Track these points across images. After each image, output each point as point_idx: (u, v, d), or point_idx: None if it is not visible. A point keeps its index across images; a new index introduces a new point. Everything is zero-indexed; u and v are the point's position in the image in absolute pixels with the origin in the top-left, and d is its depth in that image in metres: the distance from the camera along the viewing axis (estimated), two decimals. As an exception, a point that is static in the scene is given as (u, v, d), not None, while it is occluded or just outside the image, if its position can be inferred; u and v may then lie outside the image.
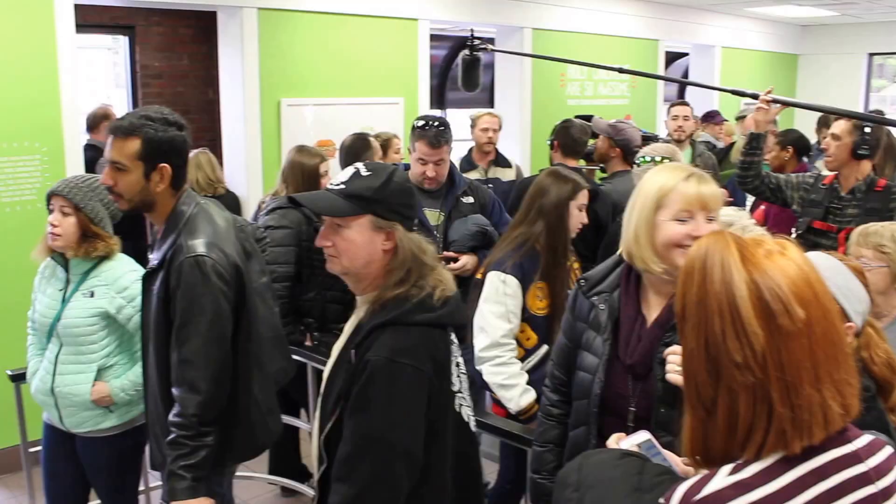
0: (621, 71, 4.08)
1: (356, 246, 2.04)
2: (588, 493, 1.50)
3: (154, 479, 3.90)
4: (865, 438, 1.36)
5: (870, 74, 13.11)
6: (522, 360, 3.31)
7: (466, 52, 4.98)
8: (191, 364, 2.44)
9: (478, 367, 3.27)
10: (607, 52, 9.42)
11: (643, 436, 1.68)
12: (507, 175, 5.78)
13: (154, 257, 2.61)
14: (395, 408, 1.94)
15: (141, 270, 2.96)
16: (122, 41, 8.07)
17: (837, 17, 11.97)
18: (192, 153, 5.80)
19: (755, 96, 4.18)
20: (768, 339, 1.26)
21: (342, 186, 2.06)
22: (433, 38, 8.40)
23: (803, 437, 1.26)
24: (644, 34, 9.98)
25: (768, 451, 1.28)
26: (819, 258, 1.99)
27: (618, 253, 2.32)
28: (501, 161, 5.91)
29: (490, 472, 3.93)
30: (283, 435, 3.21)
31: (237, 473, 3.12)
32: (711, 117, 8.32)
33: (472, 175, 5.64)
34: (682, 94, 11.94)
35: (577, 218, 3.35)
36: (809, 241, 4.08)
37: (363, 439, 1.95)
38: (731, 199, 5.67)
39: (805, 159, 6.07)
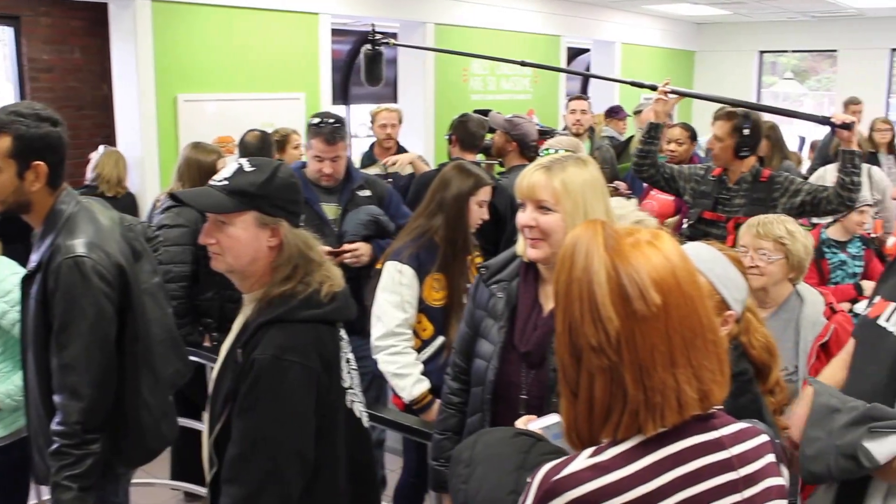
0: (523, 64, 4.11)
1: (241, 243, 2.00)
2: (477, 468, 1.52)
3: (47, 492, 3.77)
4: (735, 426, 1.39)
5: (761, 71, 13.57)
6: (419, 350, 3.31)
7: (368, 46, 4.95)
8: (72, 369, 2.34)
9: (374, 356, 3.27)
10: (510, 48, 9.50)
11: (553, 418, 1.69)
12: (407, 169, 5.77)
13: (32, 259, 2.50)
14: (283, 406, 1.90)
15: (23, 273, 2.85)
16: (8, 32, 7.75)
17: (730, 16, 12.34)
18: (103, 150, 5.67)
19: (653, 87, 4.29)
20: (623, 323, 1.29)
21: (225, 182, 2.01)
22: (336, 32, 8.34)
23: (656, 420, 1.29)
24: (546, 30, 10.11)
25: (624, 433, 1.31)
26: (699, 249, 2.04)
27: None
28: None
29: (398, 466, 3.94)
30: (184, 438, 3.14)
31: (137, 480, 3.03)
32: (615, 113, 8.46)
33: (373, 170, 5.61)
34: (584, 89, 12.15)
35: (477, 213, 3.36)
36: (700, 230, 4.19)
37: (251, 439, 1.91)
38: (629, 192, 5.80)
39: (701, 154, 6.23)
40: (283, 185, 2.02)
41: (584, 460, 1.30)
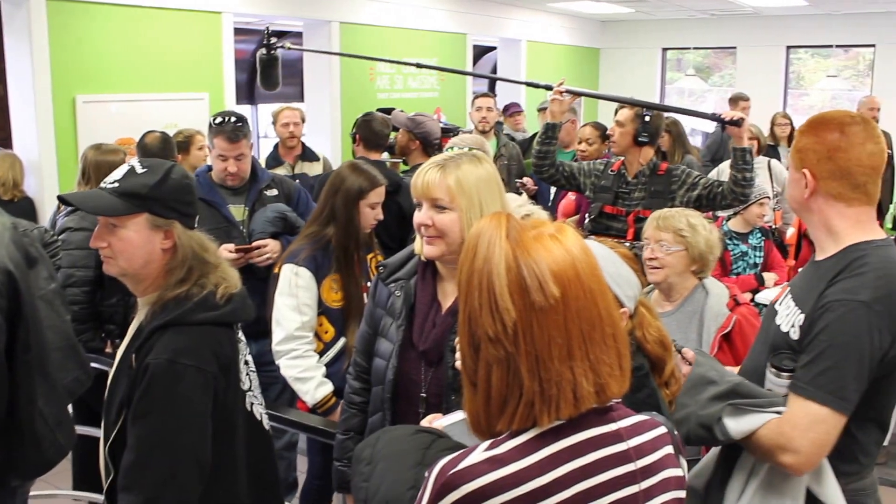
0: (418, 66, 4.11)
1: (133, 246, 1.96)
2: (377, 466, 1.52)
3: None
4: (633, 419, 1.41)
5: (664, 67, 13.89)
6: (321, 353, 3.29)
7: (263, 51, 4.87)
8: None
9: (276, 361, 3.24)
10: (416, 46, 9.52)
11: (457, 416, 1.70)
12: (314, 169, 5.74)
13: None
14: (178, 411, 1.88)
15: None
16: None
17: (633, 14, 12.59)
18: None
19: (549, 87, 4.32)
20: (521, 314, 1.30)
21: (116, 185, 1.97)
22: (240, 32, 8.24)
23: (551, 413, 1.30)
24: (452, 28, 10.15)
25: (519, 425, 1.31)
26: (592, 247, 2.07)
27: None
28: (308, 155, 5.86)
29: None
30: (86, 447, 3.05)
31: (37, 491, 2.93)
32: (508, 109, 8.54)
33: (280, 171, 5.56)
34: (492, 86, 12.23)
35: (370, 216, 3.36)
36: (602, 224, 4.27)
37: (147, 445, 1.88)
38: (536, 188, 5.87)
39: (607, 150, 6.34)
40: (176, 187, 1.99)
41: (480, 453, 1.30)
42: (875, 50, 12.16)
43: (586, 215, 4.48)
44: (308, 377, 3.21)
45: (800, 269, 2.36)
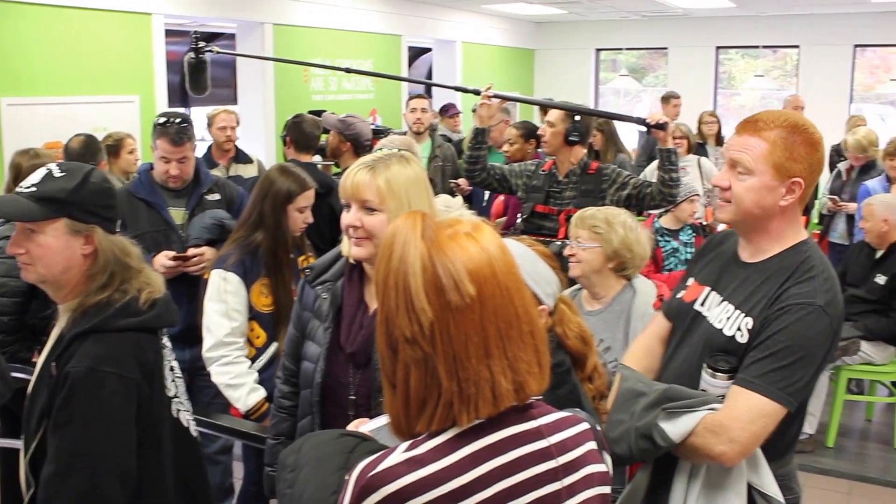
0: (348, 71, 4.09)
1: (52, 252, 1.92)
2: (302, 472, 1.51)
3: None
4: (554, 416, 1.41)
5: (598, 68, 14.05)
6: (253, 359, 3.26)
7: (191, 55, 4.77)
8: None
9: (207, 368, 3.20)
10: (351, 48, 9.49)
11: (383, 419, 1.69)
12: (248, 171, 5.68)
13: None
14: (100, 420, 1.84)
15: None
16: None
17: (566, 15, 12.71)
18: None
19: (476, 92, 4.35)
20: (438, 314, 1.29)
21: (33, 189, 1.93)
22: (173, 33, 8.12)
23: (470, 412, 1.30)
24: (387, 30, 10.14)
25: (438, 425, 1.31)
26: (509, 245, 2.08)
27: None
28: (242, 158, 5.80)
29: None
30: (8, 460, 2.98)
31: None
32: (446, 111, 8.56)
33: (214, 174, 5.49)
34: (427, 88, 12.24)
35: (298, 219, 3.34)
36: (534, 224, 4.31)
37: (68, 456, 1.83)
38: (470, 189, 5.89)
39: (540, 149, 6.39)
40: (96, 191, 1.95)
41: (400, 454, 1.29)
42: (800, 50, 12.47)
43: (518, 215, 4.51)
44: (239, 383, 3.17)
45: (703, 268, 2.36)
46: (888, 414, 5.61)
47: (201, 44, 4.69)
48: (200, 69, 4.75)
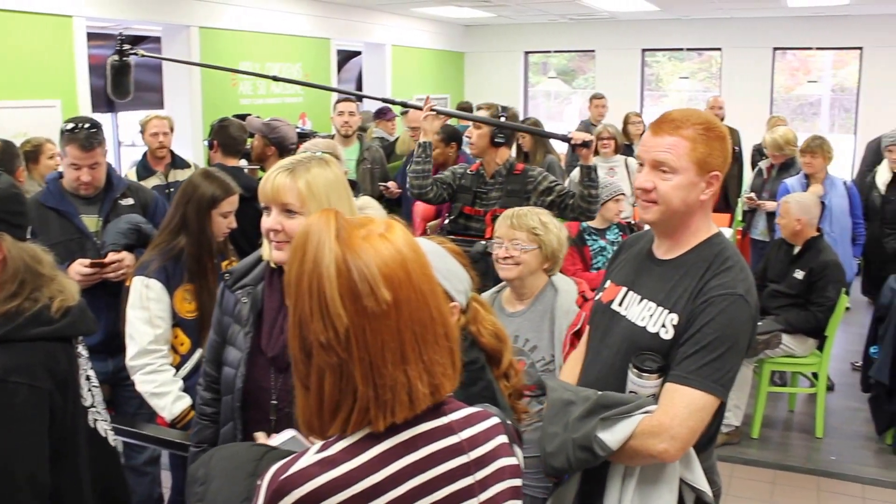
0: (275, 79, 4.06)
1: None
2: (212, 484, 1.49)
3: None
4: (464, 411, 1.42)
5: (527, 70, 14.17)
6: (178, 366, 3.22)
7: (115, 57, 4.64)
8: None
9: (131, 377, 3.15)
10: (280, 52, 9.42)
11: (288, 433, 1.68)
12: (186, 176, 5.59)
13: None
14: (11, 432, 1.78)
15: None
16: None
17: (495, 19, 12.79)
18: None
19: (418, 108, 4.46)
20: (353, 319, 1.28)
21: None
22: (96, 37, 7.95)
23: (387, 417, 1.30)
24: (316, 33, 10.09)
25: (353, 428, 1.30)
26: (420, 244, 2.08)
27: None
28: (179, 163, 5.72)
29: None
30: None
31: None
32: (383, 114, 8.57)
33: (152, 181, 5.41)
34: (359, 90, 12.21)
35: (222, 224, 3.32)
36: (461, 224, 4.35)
37: None
38: (399, 191, 5.90)
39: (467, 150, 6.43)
40: (3, 197, 1.90)
41: (311, 456, 1.29)
42: (722, 53, 12.74)
43: (446, 216, 4.54)
44: (164, 392, 3.13)
45: (618, 269, 2.40)
46: (810, 404, 5.77)
47: (126, 46, 4.58)
48: (124, 72, 4.64)
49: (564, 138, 4.33)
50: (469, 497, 1.36)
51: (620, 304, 2.26)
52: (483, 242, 4.12)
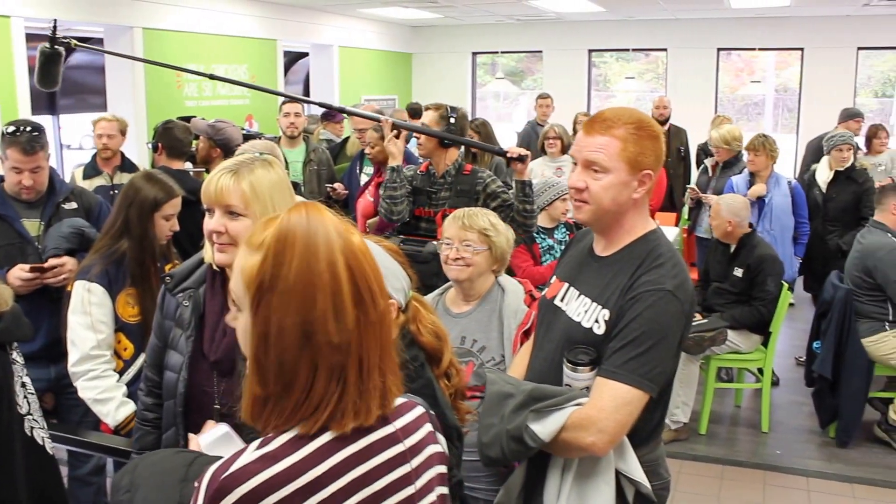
0: (212, 77, 4.00)
1: None
2: (138, 492, 1.47)
3: None
4: (395, 402, 1.44)
5: (475, 71, 14.20)
6: (121, 371, 3.17)
7: (46, 44, 4.43)
8: None
9: (74, 383, 3.09)
10: (225, 53, 9.33)
11: (222, 429, 1.67)
12: None
13: None
14: None
15: None
16: None
17: (442, 19, 12.80)
18: None
19: (377, 119, 4.54)
20: (357, 324, 1.31)
21: None
22: (37, 38, 7.79)
23: (360, 417, 1.32)
24: (262, 34, 10.00)
25: (314, 428, 1.31)
26: None
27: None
28: (128, 166, 5.59)
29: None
30: None
31: None
32: (331, 116, 8.53)
33: (97, 182, 5.31)
34: (306, 92, 12.16)
35: (165, 227, 3.28)
36: (411, 225, 4.35)
37: None
38: (346, 192, 5.87)
39: (413, 150, 6.43)
40: None
41: (252, 453, 1.28)
42: (667, 53, 12.90)
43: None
44: (107, 398, 3.08)
45: (564, 265, 2.43)
46: (755, 399, 5.86)
47: (59, 35, 4.39)
48: (54, 61, 4.39)
49: (500, 153, 4.35)
50: (407, 484, 1.39)
51: (562, 300, 2.29)
52: (434, 243, 4.12)
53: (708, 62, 12.52)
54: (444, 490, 1.48)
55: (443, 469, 1.48)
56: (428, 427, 1.48)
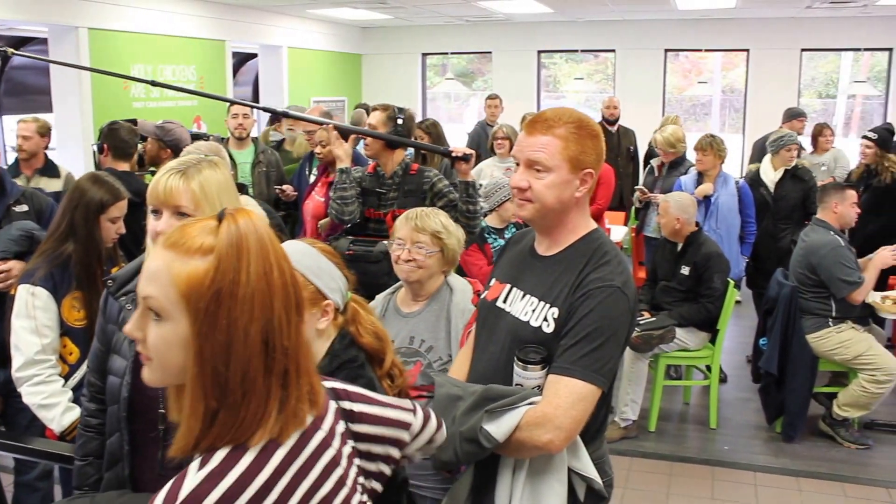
0: (153, 84, 3.94)
1: None
2: None
3: None
4: None
5: (424, 72, 14.22)
6: (67, 376, 3.12)
7: None
8: None
9: (18, 389, 3.04)
10: (173, 53, 9.23)
11: None
12: (52, 185, 5.31)
13: None
14: None
15: None
16: None
17: (392, 20, 12.79)
18: None
19: (320, 123, 4.57)
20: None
21: None
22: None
23: (299, 420, 1.34)
24: (210, 35, 9.91)
25: (272, 434, 1.30)
26: (288, 246, 2.04)
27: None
28: (49, 170, 5.44)
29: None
30: None
31: None
32: (279, 119, 8.48)
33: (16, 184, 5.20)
34: (255, 95, 12.08)
35: (111, 230, 3.24)
36: (362, 226, 4.35)
37: None
38: (295, 194, 5.84)
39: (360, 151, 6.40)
40: None
41: (195, 476, 1.25)
42: (616, 54, 13.03)
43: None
44: (52, 403, 3.03)
45: (503, 267, 2.44)
46: (704, 396, 5.94)
47: (1, 32, 4.30)
48: None
49: (445, 153, 4.37)
50: (335, 466, 1.40)
51: (505, 301, 2.30)
52: (385, 242, 4.11)
53: (655, 63, 12.68)
54: (361, 464, 1.51)
55: (349, 448, 1.49)
56: (333, 405, 1.48)
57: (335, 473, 1.39)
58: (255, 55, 12.14)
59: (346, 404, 1.51)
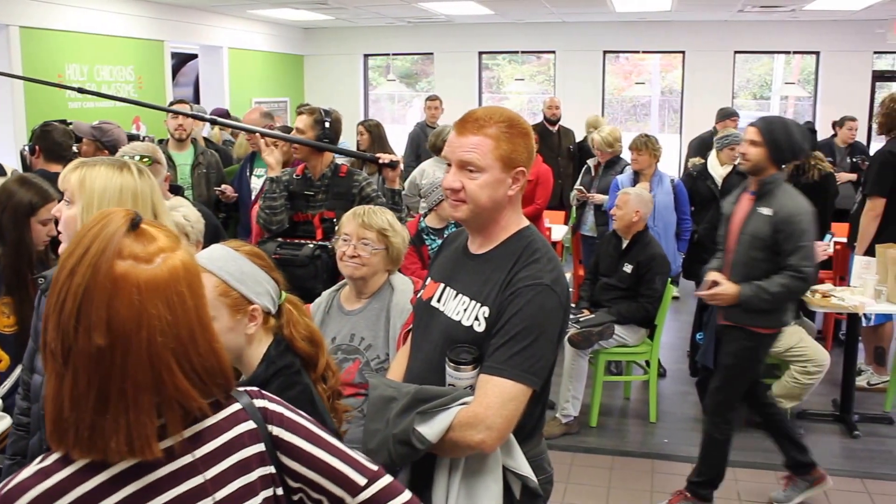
0: (80, 91, 3.91)
1: None
2: None
3: None
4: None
5: (366, 73, 14.20)
6: (-3, 384, 3.07)
7: None
8: None
9: None
10: (110, 53, 9.09)
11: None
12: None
13: None
14: None
15: None
16: None
17: (334, 21, 12.75)
18: None
19: (262, 133, 4.52)
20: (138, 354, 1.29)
21: None
22: None
23: (177, 426, 1.31)
24: (148, 35, 9.78)
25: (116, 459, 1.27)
26: (211, 251, 2.05)
27: None
28: None
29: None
30: None
31: None
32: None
33: None
34: (196, 96, 11.93)
35: (42, 232, 3.19)
36: (289, 229, 4.34)
37: None
38: (235, 195, 5.80)
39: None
40: None
41: (33, 467, 1.27)
42: (556, 56, 13.15)
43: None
44: None
45: (438, 266, 2.45)
46: (643, 391, 6.03)
47: None
48: None
49: (372, 159, 4.40)
50: (203, 496, 1.33)
51: (439, 301, 2.30)
52: (311, 245, 4.12)
53: (595, 64, 12.83)
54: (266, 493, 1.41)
55: (261, 472, 1.40)
56: (242, 428, 1.40)
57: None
58: (195, 56, 12.01)
59: (276, 430, 1.42)
